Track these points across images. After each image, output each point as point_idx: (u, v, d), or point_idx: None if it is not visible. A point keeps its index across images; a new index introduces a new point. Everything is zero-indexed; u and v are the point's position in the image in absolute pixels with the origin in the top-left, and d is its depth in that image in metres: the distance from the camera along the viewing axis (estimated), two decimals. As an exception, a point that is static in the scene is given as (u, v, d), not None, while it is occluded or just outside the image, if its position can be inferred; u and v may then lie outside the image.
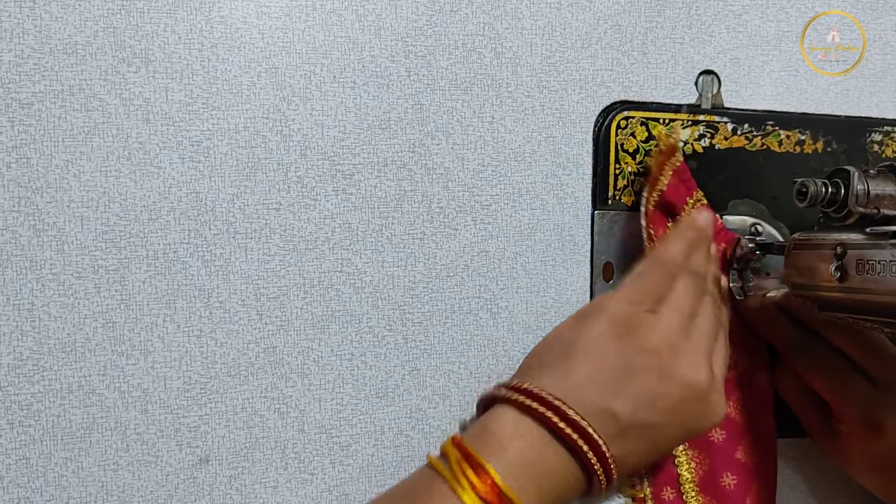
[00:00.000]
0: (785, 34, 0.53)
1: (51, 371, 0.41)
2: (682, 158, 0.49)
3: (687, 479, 0.48)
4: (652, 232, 0.48)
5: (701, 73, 0.51)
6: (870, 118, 0.54)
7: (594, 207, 0.50)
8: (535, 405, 0.39)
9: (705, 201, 0.49)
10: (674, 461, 0.48)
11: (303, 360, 0.45)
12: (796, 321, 0.47)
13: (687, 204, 0.48)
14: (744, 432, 0.49)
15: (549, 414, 0.38)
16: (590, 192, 0.50)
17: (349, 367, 0.46)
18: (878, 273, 0.38)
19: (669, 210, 0.48)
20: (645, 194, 0.48)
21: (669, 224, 0.49)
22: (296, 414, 0.45)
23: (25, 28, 0.40)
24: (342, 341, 0.46)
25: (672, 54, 0.51)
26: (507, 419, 0.39)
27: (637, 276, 0.44)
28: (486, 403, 0.42)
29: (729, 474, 0.48)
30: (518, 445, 0.38)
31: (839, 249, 0.40)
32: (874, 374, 0.45)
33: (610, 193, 0.50)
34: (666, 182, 0.48)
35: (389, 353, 0.46)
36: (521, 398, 0.39)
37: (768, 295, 0.48)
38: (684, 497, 0.48)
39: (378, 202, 0.46)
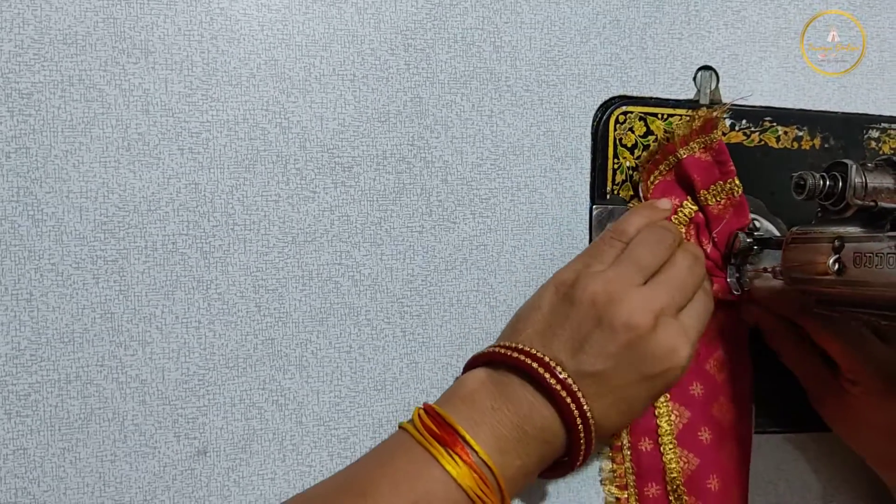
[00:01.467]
0: (783, 30, 0.53)
1: (49, 361, 0.41)
2: (719, 138, 0.48)
3: (666, 430, 0.48)
4: (650, 185, 0.48)
5: (699, 69, 0.51)
6: (867, 115, 0.54)
7: (592, 202, 0.50)
8: (504, 351, 0.41)
9: (740, 191, 0.48)
10: (654, 412, 0.48)
11: (301, 352, 0.45)
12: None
13: (715, 185, 0.48)
14: (719, 393, 0.49)
15: (512, 353, 0.41)
16: (588, 187, 0.50)
17: (347, 359, 0.46)
18: (876, 266, 0.38)
19: (688, 182, 0.48)
20: (655, 155, 0.48)
21: (687, 199, 0.49)
22: (294, 406, 0.45)
23: (25, 18, 0.41)
24: (340, 334, 0.46)
25: (671, 49, 0.51)
26: (475, 377, 0.42)
27: (588, 248, 0.47)
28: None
29: (706, 429, 0.48)
30: (485, 398, 0.40)
31: (837, 242, 0.40)
32: (888, 335, 0.45)
33: (608, 188, 0.50)
34: (686, 154, 0.48)
35: (388, 345, 0.46)
36: (494, 349, 0.42)
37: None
38: (661, 448, 0.48)
39: (377, 195, 0.46)
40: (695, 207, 0.49)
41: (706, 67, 0.51)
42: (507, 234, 0.48)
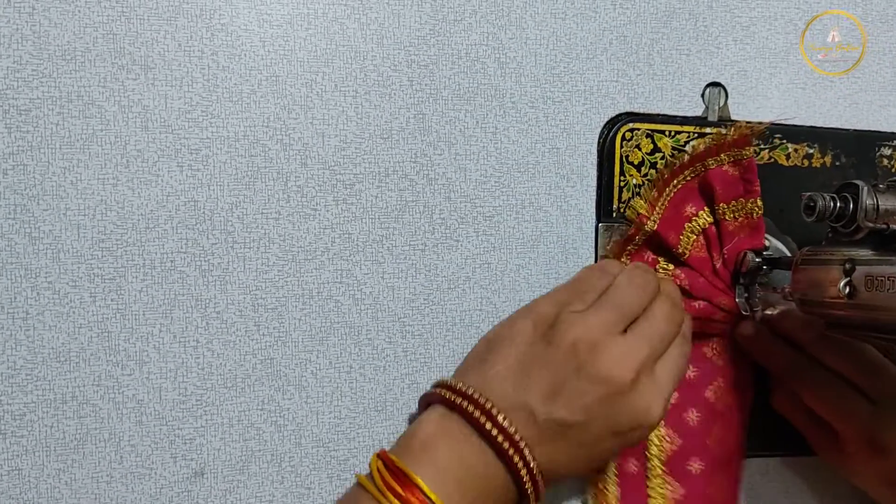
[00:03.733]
0: (793, 46, 0.52)
1: (44, 381, 0.41)
2: (752, 155, 0.47)
3: (654, 454, 0.47)
4: (670, 191, 0.47)
5: (708, 86, 0.51)
6: (879, 132, 0.53)
7: (598, 220, 0.49)
8: (454, 398, 0.39)
9: (759, 213, 0.47)
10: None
11: (300, 372, 0.44)
12: (791, 344, 0.47)
13: (736, 202, 0.47)
14: (717, 421, 0.48)
15: (466, 405, 0.39)
16: (594, 205, 0.49)
17: (347, 379, 0.45)
18: (888, 290, 0.37)
19: (709, 193, 0.48)
20: (681, 158, 0.48)
21: (704, 210, 0.48)
22: (293, 427, 0.44)
23: (24, 34, 0.40)
24: (341, 353, 0.45)
25: (678, 66, 0.50)
26: (431, 419, 0.40)
27: (571, 280, 0.45)
28: (422, 406, 0.43)
29: (697, 460, 0.47)
30: (442, 444, 0.38)
31: (848, 265, 0.39)
32: (873, 394, 0.45)
33: (614, 206, 0.49)
34: (715, 164, 0.47)
35: (389, 366, 0.46)
36: (444, 392, 0.40)
37: (766, 312, 0.48)
38: (648, 473, 0.47)
39: (379, 212, 0.45)
40: (710, 219, 0.48)
41: (715, 84, 0.51)
42: (511, 252, 0.48)
